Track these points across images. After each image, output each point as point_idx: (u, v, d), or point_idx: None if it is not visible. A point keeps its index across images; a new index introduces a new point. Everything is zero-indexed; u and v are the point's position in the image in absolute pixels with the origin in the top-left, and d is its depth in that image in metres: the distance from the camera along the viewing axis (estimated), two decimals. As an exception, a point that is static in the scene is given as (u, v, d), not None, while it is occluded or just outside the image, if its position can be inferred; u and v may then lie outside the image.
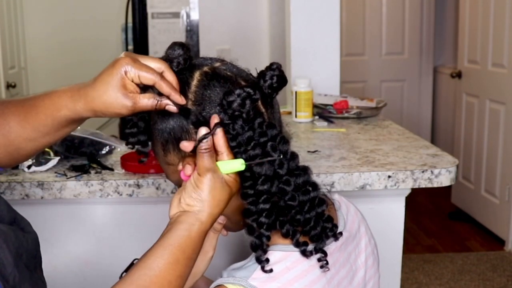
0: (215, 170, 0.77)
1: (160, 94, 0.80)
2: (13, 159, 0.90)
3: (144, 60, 0.80)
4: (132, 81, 0.79)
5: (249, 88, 0.78)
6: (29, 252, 0.83)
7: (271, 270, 0.79)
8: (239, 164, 0.77)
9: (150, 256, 0.76)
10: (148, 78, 0.79)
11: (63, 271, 1.49)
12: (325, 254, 0.82)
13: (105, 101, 0.79)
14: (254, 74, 0.86)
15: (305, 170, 0.83)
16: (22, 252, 0.80)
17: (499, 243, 3.51)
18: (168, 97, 0.79)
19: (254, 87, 0.79)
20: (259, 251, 0.79)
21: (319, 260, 0.82)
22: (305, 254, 0.81)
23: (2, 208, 0.84)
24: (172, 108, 0.79)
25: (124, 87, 0.79)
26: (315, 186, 0.83)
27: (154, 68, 0.80)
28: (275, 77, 0.82)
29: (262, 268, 0.79)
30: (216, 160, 0.78)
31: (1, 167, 0.91)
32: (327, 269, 0.82)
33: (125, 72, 0.78)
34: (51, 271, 1.48)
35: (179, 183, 0.85)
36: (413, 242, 3.57)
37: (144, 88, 0.81)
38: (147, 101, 0.79)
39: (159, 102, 0.79)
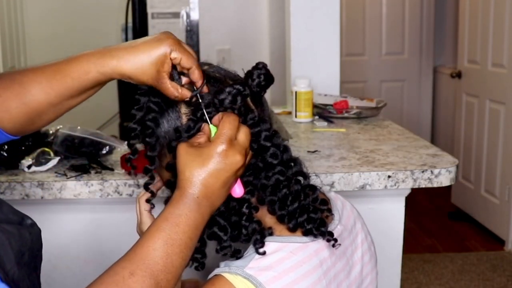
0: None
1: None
2: (32, 124, 0.89)
3: (185, 45, 0.83)
4: (172, 61, 0.81)
5: (238, 84, 0.81)
6: (32, 251, 0.83)
7: (264, 252, 0.81)
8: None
9: None
10: (188, 62, 0.81)
11: (63, 271, 1.49)
12: (332, 234, 0.86)
13: (139, 67, 0.80)
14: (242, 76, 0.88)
15: (296, 161, 0.87)
16: (25, 251, 0.81)
17: (499, 243, 3.51)
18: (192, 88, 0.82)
19: (243, 84, 0.82)
20: (256, 235, 0.82)
21: (328, 240, 0.85)
22: (310, 233, 0.84)
23: (6, 211, 0.84)
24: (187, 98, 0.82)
25: (162, 64, 0.80)
26: (305, 175, 0.88)
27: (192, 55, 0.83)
28: (262, 75, 0.84)
29: (257, 250, 0.81)
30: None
31: (17, 135, 0.88)
32: (339, 245, 0.87)
33: (170, 52, 0.80)
34: (51, 271, 1.49)
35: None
36: (413, 242, 3.57)
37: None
38: (171, 86, 0.81)
39: (180, 91, 0.81)
